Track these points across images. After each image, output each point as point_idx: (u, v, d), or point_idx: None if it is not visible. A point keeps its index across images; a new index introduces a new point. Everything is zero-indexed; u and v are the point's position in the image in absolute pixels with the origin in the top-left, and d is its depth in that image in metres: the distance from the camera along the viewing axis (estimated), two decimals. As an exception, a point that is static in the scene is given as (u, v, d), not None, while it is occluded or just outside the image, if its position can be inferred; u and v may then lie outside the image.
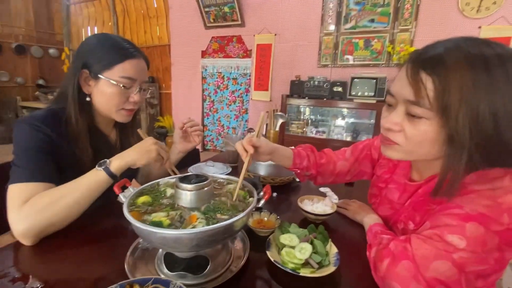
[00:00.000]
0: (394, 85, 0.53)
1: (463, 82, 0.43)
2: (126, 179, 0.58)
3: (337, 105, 3.15)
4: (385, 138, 0.55)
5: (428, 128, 0.47)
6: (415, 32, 2.98)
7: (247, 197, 0.57)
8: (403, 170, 0.67)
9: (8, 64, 4.69)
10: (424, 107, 0.46)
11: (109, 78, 0.73)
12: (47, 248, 0.60)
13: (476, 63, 0.43)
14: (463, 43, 0.46)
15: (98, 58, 0.73)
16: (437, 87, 0.44)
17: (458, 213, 0.46)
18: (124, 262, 0.53)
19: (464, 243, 0.44)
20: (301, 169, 0.80)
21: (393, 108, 0.53)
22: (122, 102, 0.78)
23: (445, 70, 0.44)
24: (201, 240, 0.43)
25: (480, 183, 0.46)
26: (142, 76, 0.80)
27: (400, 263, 0.47)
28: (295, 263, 0.53)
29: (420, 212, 0.58)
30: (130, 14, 4.68)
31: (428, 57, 0.47)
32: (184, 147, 0.96)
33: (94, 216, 0.74)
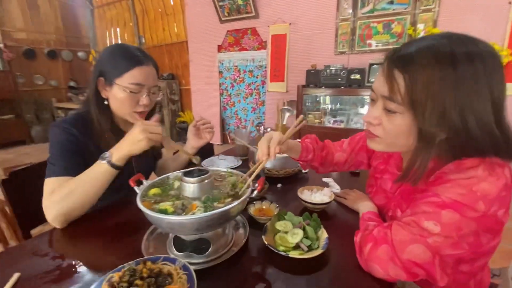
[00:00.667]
0: (375, 82, 0.57)
1: (429, 79, 0.46)
2: (140, 174, 0.67)
3: (355, 93, 3.08)
4: (368, 131, 0.59)
5: (402, 122, 0.51)
6: (439, 12, 2.81)
7: (243, 187, 0.63)
8: (395, 161, 0.70)
9: (42, 69, 5.10)
10: (397, 103, 0.50)
11: (120, 84, 0.82)
12: (78, 232, 0.73)
13: (444, 60, 0.46)
14: (437, 41, 0.48)
15: (111, 67, 0.83)
16: (407, 83, 0.48)
17: (434, 201, 0.49)
18: (141, 244, 0.63)
19: (439, 229, 0.47)
20: (306, 161, 0.86)
21: (375, 103, 0.56)
22: (133, 105, 0.86)
23: (414, 68, 0.47)
24: (200, 224, 0.51)
25: (456, 172, 0.49)
26: (150, 81, 0.87)
27: (380, 247, 0.52)
28: (286, 246, 0.59)
29: (406, 200, 0.61)
30: (148, 13, 4.85)
31: (401, 55, 0.50)
32: (196, 143, 1.05)
33: (118, 205, 0.86)
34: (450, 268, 0.49)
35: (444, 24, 2.80)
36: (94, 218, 0.79)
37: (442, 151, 0.50)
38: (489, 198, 0.45)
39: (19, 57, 4.75)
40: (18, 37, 4.77)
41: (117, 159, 0.74)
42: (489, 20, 2.60)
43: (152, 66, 0.89)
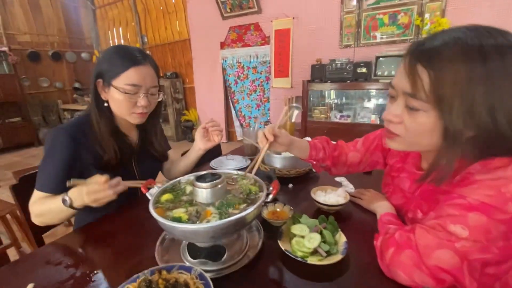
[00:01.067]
0: (395, 77, 0.53)
1: (458, 75, 0.43)
2: (151, 180, 0.65)
3: (362, 87, 3.03)
4: (387, 130, 0.56)
5: (426, 120, 0.48)
6: (447, 1, 2.73)
7: (257, 191, 0.61)
8: (414, 159, 0.67)
9: (47, 71, 5.13)
10: (421, 100, 0.47)
11: (117, 86, 0.81)
12: (90, 238, 0.72)
13: (472, 55, 0.43)
14: (463, 34, 0.45)
15: (108, 68, 0.82)
16: (432, 80, 0.45)
17: (461, 203, 0.46)
18: (154, 251, 0.62)
19: (467, 233, 0.44)
20: (317, 160, 0.83)
21: (395, 100, 0.54)
22: (131, 106, 0.84)
23: (440, 63, 0.44)
24: (216, 232, 0.49)
25: (483, 173, 0.46)
26: (148, 81, 0.84)
27: (403, 252, 0.49)
28: (304, 251, 0.57)
29: (428, 201, 0.58)
30: (150, 12, 4.82)
31: (425, 49, 0.47)
32: (204, 145, 1.03)
33: (127, 209, 0.85)
34: (478, 273, 0.47)
35: (452, 14, 2.72)
36: (105, 224, 0.78)
37: (468, 150, 0.47)
38: None
39: (24, 60, 4.78)
40: (22, 40, 4.80)
41: (78, 206, 0.72)
42: (498, 8, 2.52)
43: (150, 66, 0.86)
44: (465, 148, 0.46)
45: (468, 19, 2.65)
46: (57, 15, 5.22)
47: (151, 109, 0.91)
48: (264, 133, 0.73)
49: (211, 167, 1.21)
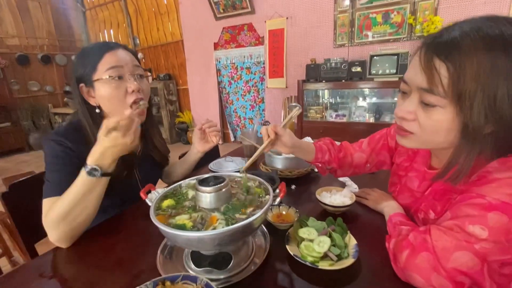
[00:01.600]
0: (408, 71, 0.51)
1: (479, 67, 0.41)
2: (150, 185, 0.62)
3: (357, 86, 3.04)
4: (399, 127, 0.54)
5: (443, 117, 0.46)
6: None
7: (263, 195, 0.59)
8: (423, 158, 0.65)
9: (37, 74, 5.01)
10: (438, 95, 0.45)
11: (99, 78, 0.75)
12: (87, 247, 0.68)
13: (494, 45, 0.41)
14: (483, 24, 0.43)
15: (83, 67, 0.77)
16: (451, 74, 0.43)
17: (480, 203, 0.45)
18: (155, 259, 0.58)
19: (486, 233, 0.43)
20: (322, 163, 0.81)
21: (407, 96, 0.51)
22: (122, 95, 0.77)
23: (460, 56, 0.42)
24: (222, 239, 0.46)
25: (502, 171, 0.45)
26: (129, 61, 0.79)
27: (419, 254, 0.47)
28: (314, 256, 0.54)
29: (441, 201, 0.56)
30: (142, 13, 4.76)
31: (442, 41, 0.45)
32: (202, 147, 1.00)
33: (126, 217, 0.81)
34: (497, 275, 0.45)
35: (445, 12, 2.75)
36: (102, 233, 0.74)
37: (487, 147, 0.45)
38: None
39: (13, 64, 4.66)
40: (10, 43, 4.68)
41: (110, 165, 0.67)
42: (491, 5, 2.55)
43: (124, 49, 0.82)
44: (484, 144, 0.44)
45: (460, 17, 2.60)
46: (46, 18, 5.11)
47: (147, 97, 0.85)
48: (267, 130, 0.71)
49: (210, 169, 1.18)
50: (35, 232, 0.92)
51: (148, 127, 0.95)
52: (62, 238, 0.66)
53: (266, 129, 0.72)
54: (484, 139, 0.44)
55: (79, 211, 0.66)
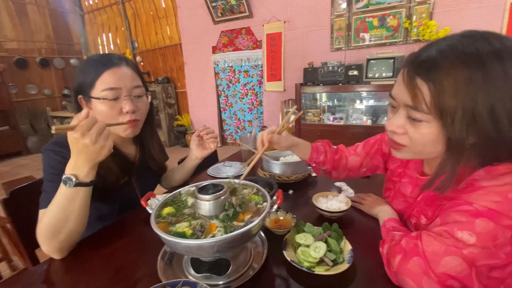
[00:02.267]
0: (394, 88, 0.54)
1: (457, 85, 0.43)
2: (151, 192, 0.64)
3: (354, 89, 3.07)
4: (392, 141, 0.56)
5: (429, 130, 0.49)
6: (434, 3, 2.80)
7: (260, 202, 0.60)
8: (416, 164, 0.68)
9: (35, 78, 5.01)
10: (423, 112, 0.47)
11: (95, 96, 0.75)
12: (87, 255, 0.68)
13: (470, 62, 0.43)
14: (458, 41, 0.46)
15: (83, 80, 0.76)
16: (432, 92, 0.45)
17: (467, 209, 0.47)
18: (156, 266, 0.60)
19: (474, 239, 0.45)
20: (317, 163, 0.84)
21: (396, 110, 0.54)
22: (116, 115, 0.77)
23: (438, 74, 0.45)
24: (221, 247, 0.48)
25: (489, 179, 0.47)
26: (127, 82, 0.78)
27: (411, 259, 0.49)
28: (310, 261, 0.56)
29: (431, 207, 0.59)
30: (140, 17, 4.78)
31: (422, 61, 0.47)
32: (200, 154, 1.01)
33: (125, 223, 0.82)
34: (485, 278, 0.47)
35: (440, 16, 2.79)
36: (101, 240, 0.74)
37: (471, 157, 0.47)
38: None
39: (11, 67, 4.66)
40: (8, 47, 4.68)
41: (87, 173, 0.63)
42: (485, 10, 2.59)
43: (128, 66, 0.80)
44: (468, 155, 0.47)
45: (455, 21, 2.72)
46: (45, 21, 5.12)
47: (142, 116, 0.84)
48: (262, 138, 0.75)
49: (208, 175, 1.20)
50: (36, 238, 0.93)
51: (147, 137, 0.95)
52: (52, 250, 0.65)
53: (261, 138, 0.75)
54: (467, 150, 0.46)
55: (62, 223, 0.64)
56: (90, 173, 0.64)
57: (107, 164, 0.78)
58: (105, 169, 0.78)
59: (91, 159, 0.62)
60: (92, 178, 0.65)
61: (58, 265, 0.66)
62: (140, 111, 0.82)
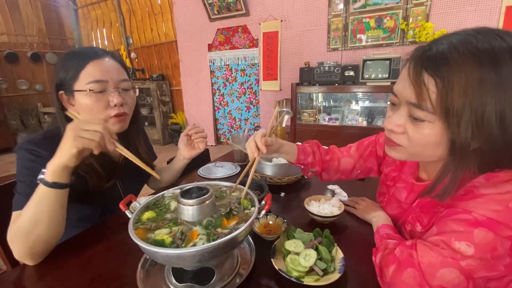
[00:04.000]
0: (397, 84, 0.50)
1: (467, 83, 0.40)
2: (131, 195, 0.60)
3: (350, 90, 3.05)
4: (388, 139, 0.53)
5: (431, 131, 0.45)
6: (431, 5, 2.79)
7: (249, 206, 0.57)
8: (411, 169, 0.65)
9: (26, 73, 4.89)
10: (427, 111, 0.44)
11: (79, 88, 0.70)
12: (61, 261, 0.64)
13: (483, 60, 0.40)
14: (472, 37, 0.42)
15: (64, 73, 0.71)
16: (440, 89, 0.42)
17: (465, 218, 0.44)
18: (135, 275, 0.56)
19: (472, 250, 0.42)
20: (305, 165, 0.80)
21: (397, 107, 0.51)
22: (103, 108, 0.73)
23: (448, 71, 0.41)
24: (203, 256, 0.44)
25: (489, 187, 0.44)
26: (114, 75, 0.74)
27: (405, 270, 0.46)
28: (300, 271, 0.53)
29: (427, 214, 0.56)
30: (135, 13, 4.70)
31: (431, 55, 0.43)
32: (188, 154, 0.96)
33: (104, 228, 0.78)
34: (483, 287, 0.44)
35: (436, 18, 2.78)
36: (80, 244, 0.69)
37: (473, 162, 0.44)
38: None
39: (1, 62, 4.55)
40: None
41: (51, 174, 0.58)
42: (481, 12, 2.59)
43: (112, 58, 0.76)
44: (471, 160, 0.44)
45: (451, 24, 2.72)
46: (37, 15, 4.99)
47: (130, 110, 0.80)
48: (256, 144, 0.65)
49: (199, 175, 1.16)
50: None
51: (133, 135, 0.90)
52: (24, 256, 0.60)
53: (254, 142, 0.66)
54: (471, 155, 0.43)
55: (32, 227, 0.59)
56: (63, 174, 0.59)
57: (89, 164, 0.74)
58: (87, 170, 0.73)
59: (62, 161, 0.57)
60: (66, 180, 0.60)
61: (31, 271, 0.61)
62: (128, 105, 0.78)
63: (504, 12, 2.50)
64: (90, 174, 0.74)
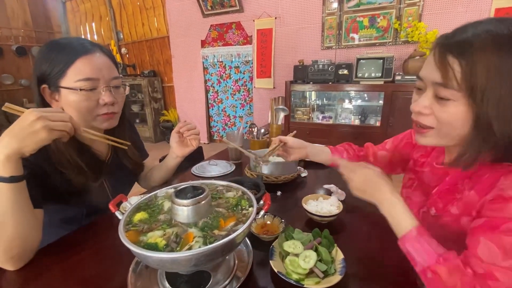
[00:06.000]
0: (423, 69, 0.53)
1: (489, 64, 0.43)
2: (122, 195, 0.56)
3: (343, 88, 3.05)
4: (417, 125, 0.54)
5: (457, 109, 0.47)
6: (423, 6, 2.82)
7: (246, 206, 0.54)
8: (437, 153, 0.66)
9: (11, 67, 4.71)
10: (452, 89, 0.46)
11: (66, 86, 0.65)
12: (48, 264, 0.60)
13: (503, 44, 0.43)
14: (493, 25, 0.45)
15: (50, 67, 0.66)
16: (464, 69, 0.45)
17: None
18: (126, 280, 0.53)
19: None
20: None
21: (422, 91, 0.53)
22: (92, 107, 0.69)
23: (471, 53, 0.44)
24: (199, 260, 0.42)
25: None
26: (105, 72, 0.70)
27: None
28: (299, 273, 0.51)
29: (443, 199, 0.58)
30: (126, 7, 4.59)
31: (455, 41, 0.47)
32: (181, 152, 0.93)
33: (94, 229, 0.74)
34: None
35: (428, 18, 2.81)
36: (65, 248, 0.65)
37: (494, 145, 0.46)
38: None
39: (-16, 55, 4.36)
40: (-19, 33, 4.37)
41: (5, 168, 0.52)
42: (471, 13, 2.64)
43: (103, 54, 0.71)
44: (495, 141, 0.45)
45: (443, 24, 2.75)
46: (22, 7, 4.81)
47: (120, 108, 0.77)
48: None
49: (192, 174, 1.13)
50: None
51: (121, 133, 0.84)
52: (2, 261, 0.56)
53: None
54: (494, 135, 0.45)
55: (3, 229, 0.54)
56: (7, 165, 0.52)
57: (74, 162, 0.70)
58: (71, 168, 0.69)
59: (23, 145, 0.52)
60: (11, 173, 0.53)
61: (12, 277, 0.57)
62: (118, 103, 0.75)
63: (493, 14, 2.55)
64: (75, 173, 0.70)
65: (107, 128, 0.75)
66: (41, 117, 0.53)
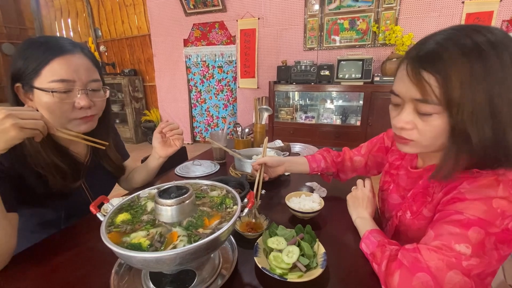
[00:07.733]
0: (397, 85, 0.53)
1: (462, 76, 0.44)
2: (103, 196, 0.55)
3: (325, 89, 3.13)
4: (399, 137, 0.55)
5: (440, 121, 0.48)
6: (399, 10, 2.94)
7: (231, 205, 0.55)
8: (411, 156, 0.69)
9: (-21, 64, 4.42)
10: (433, 104, 0.47)
11: (40, 86, 0.63)
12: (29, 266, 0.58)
13: (470, 53, 0.44)
14: (453, 34, 0.46)
15: (24, 66, 0.63)
16: (440, 83, 0.45)
17: (458, 219, 0.46)
18: (109, 281, 0.52)
19: (470, 250, 0.44)
20: (321, 171, 0.88)
21: (400, 107, 0.54)
22: (67, 110, 0.66)
23: (443, 66, 0.45)
24: (184, 259, 0.42)
25: (473, 191, 0.47)
26: (83, 74, 0.67)
27: (415, 276, 0.46)
28: (283, 268, 0.53)
29: (417, 202, 0.60)
30: (104, 3, 4.44)
31: (424, 54, 0.47)
32: (164, 152, 0.91)
33: (75, 231, 0.72)
34: (482, 283, 0.46)
35: (404, 22, 2.95)
36: (44, 252, 0.63)
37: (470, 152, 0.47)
38: (507, 214, 0.44)
39: None
40: None
41: None
42: (443, 18, 2.79)
43: (84, 55, 0.69)
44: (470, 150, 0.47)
45: (418, 28, 2.89)
46: (-10, 1, 4.52)
47: (99, 110, 0.74)
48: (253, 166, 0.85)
49: (176, 174, 1.12)
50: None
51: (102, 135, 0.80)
52: None
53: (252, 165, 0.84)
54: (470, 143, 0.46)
55: None
56: None
57: (51, 163, 0.67)
58: (49, 169, 0.67)
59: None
60: None
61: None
62: (96, 106, 0.72)
63: (464, 19, 2.71)
64: (52, 174, 0.68)
65: (85, 131, 0.72)
66: (10, 115, 0.51)
